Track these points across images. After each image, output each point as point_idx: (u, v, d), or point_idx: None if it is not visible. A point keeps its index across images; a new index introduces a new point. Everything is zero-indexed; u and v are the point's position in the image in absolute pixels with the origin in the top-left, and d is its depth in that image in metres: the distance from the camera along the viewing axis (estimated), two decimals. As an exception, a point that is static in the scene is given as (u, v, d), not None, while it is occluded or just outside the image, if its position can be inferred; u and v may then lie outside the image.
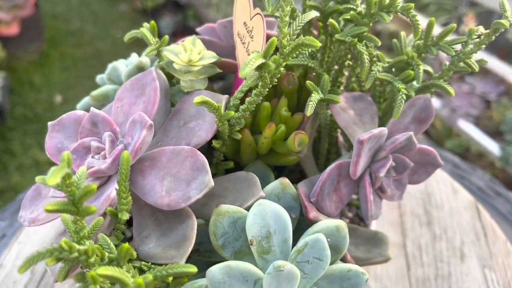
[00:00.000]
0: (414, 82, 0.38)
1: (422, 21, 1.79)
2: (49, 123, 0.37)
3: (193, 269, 0.26)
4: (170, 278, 0.27)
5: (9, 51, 2.04)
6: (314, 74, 0.39)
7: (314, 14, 0.31)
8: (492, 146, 1.48)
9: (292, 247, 0.31)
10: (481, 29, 0.36)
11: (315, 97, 0.34)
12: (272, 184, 0.35)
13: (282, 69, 0.31)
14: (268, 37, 0.37)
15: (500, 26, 0.33)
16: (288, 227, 0.31)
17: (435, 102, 1.66)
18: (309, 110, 0.33)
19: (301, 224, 0.36)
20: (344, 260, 0.35)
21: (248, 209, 0.32)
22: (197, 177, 0.31)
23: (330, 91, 0.38)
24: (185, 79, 0.37)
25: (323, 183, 0.34)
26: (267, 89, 0.32)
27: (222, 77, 0.50)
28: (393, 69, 0.37)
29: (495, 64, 1.58)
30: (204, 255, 0.35)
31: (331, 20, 0.35)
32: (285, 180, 0.35)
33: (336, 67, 0.41)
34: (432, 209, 0.60)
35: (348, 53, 0.38)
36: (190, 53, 0.36)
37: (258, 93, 0.32)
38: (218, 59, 0.37)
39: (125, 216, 0.29)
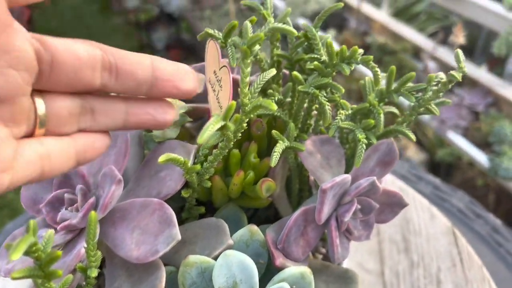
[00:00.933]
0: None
1: (412, 33, 1.80)
2: (25, 174, 0.38)
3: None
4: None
5: (2, 69, 2.05)
6: (282, 119, 0.40)
7: (273, 72, 0.32)
8: (481, 158, 1.50)
9: (260, 294, 0.33)
10: (441, 76, 0.38)
11: (280, 147, 0.35)
12: (240, 231, 0.36)
13: (244, 125, 0.32)
14: (236, 84, 0.38)
15: (453, 79, 0.34)
16: (254, 277, 0.33)
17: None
18: (273, 160, 0.34)
19: (271, 268, 0.37)
20: (311, 303, 0.36)
21: (217, 257, 0.34)
22: (165, 231, 0.32)
23: (297, 136, 0.39)
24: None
25: (289, 230, 0.36)
26: (232, 143, 0.33)
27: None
28: (357, 116, 0.39)
29: (482, 75, 1.60)
30: (176, 301, 0.36)
31: (294, 73, 0.36)
32: (253, 227, 0.36)
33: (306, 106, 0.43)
34: (410, 236, 0.61)
35: (313, 99, 0.40)
36: (160, 104, 0.37)
37: (223, 147, 0.33)
38: (187, 108, 0.39)
39: (94, 273, 0.30)
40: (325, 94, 0.38)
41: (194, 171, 0.34)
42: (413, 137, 0.37)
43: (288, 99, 0.43)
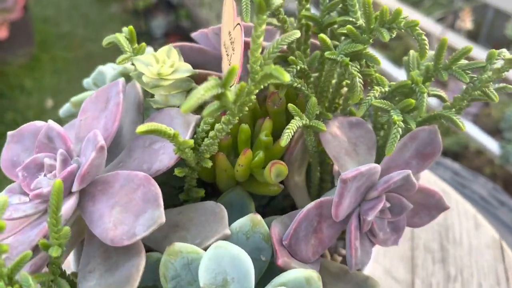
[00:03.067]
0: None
1: (419, 17, 1.68)
2: (9, 133, 0.34)
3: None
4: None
5: (-1, 55, 1.98)
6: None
7: (297, 34, 0.26)
8: (491, 145, 1.39)
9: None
10: (504, 53, 0.30)
11: (294, 124, 0.29)
12: (240, 221, 0.30)
13: (254, 96, 0.26)
14: (248, 48, 0.32)
15: (523, 53, 0.27)
16: (249, 275, 0.27)
17: (432, 100, 1.57)
18: (285, 139, 0.29)
19: (274, 268, 0.31)
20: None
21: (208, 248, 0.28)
22: (147, 211, 0.27)
23: (320, 115, 0.33)
24: (157, 93, 0.33)
25: (298, 224, 0.30)
26: (238, 118, 0.28)
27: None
28: (396, 96, 0.32)
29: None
30: (162, 293, 0.31)
31: (321, 35, 0.30)
32: (256, 217, 0.30)
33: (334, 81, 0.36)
34: (449, 245, 0.53)
35: (344, 73, 0.33)
36: (162, 65, 0.32)
37: (226, 122, 0.28)
38: (194, 73, 0.33)
39: (56, 253, 0.26)
40: (357, 67, 0.31)
41: (187, 146, 0.28)
42: (463, 126, 0.30)
43: (315, 75, 0.37)
